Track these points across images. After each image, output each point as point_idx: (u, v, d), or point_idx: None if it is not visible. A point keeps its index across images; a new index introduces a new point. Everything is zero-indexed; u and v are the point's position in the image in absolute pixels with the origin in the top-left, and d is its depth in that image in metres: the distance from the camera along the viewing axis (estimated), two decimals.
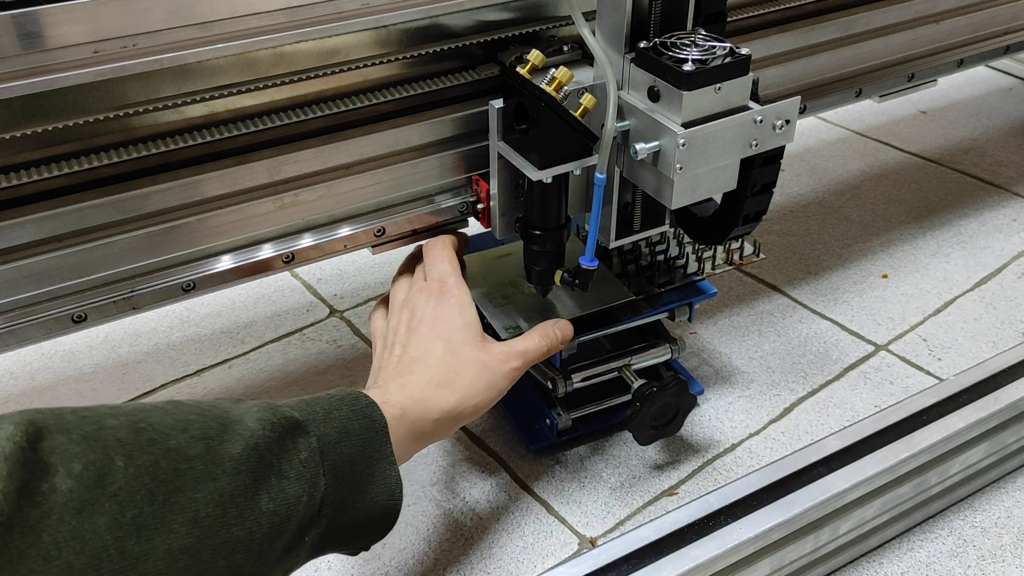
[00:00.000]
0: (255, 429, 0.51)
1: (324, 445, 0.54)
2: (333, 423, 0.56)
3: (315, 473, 0.53)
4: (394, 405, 0.61)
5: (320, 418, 0.55)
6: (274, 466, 0.51)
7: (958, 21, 0.99)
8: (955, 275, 1.07)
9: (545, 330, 0.71)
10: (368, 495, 0.57)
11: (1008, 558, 0.74)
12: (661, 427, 0.78)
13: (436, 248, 0.72)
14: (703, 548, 0.63)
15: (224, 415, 0.51)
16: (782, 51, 0.87)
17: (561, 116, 0.62)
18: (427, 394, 0.63)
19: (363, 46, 0.67)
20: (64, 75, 0.55)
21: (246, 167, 0.65)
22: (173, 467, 0.46)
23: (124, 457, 0.44)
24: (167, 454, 0.46)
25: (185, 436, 0.48)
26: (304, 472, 0.52)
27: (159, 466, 0.46)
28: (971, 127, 1.40)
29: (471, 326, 0.68)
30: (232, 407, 0.52)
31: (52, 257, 0.61)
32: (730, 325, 0.99)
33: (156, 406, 0.49)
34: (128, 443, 0.45)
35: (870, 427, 0.72)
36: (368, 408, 0.58)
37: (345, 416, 0.57)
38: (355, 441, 0.56)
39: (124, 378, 0.94)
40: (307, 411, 0.55)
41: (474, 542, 0.75)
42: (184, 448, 0.47)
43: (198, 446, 0.48)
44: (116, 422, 0.46)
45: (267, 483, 0.50)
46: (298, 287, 1.08)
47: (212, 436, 0.49)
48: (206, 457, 0.48)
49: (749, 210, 0.70)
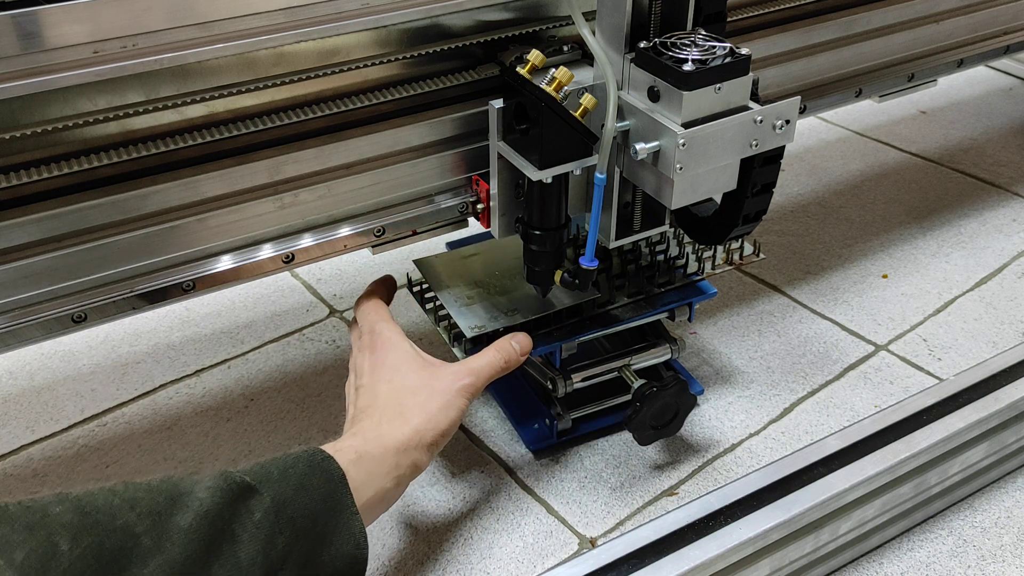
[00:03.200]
0: (204, 498, 0.51)
1: (280, 504, 0.55)
2: (289, 481, 0.56)
3: (271, 532, 0.54)
4: (348, 451, 0.61)
5: (275, 478, 0.56)
6: (226, 532, 0.52)
7: (958, 21, 0.99)
8: (955, 275, 1.07)
9: (501, 345, 0.72)
10: (334, 547, 0.57)
11: (1008, 558, 0.74)
12: (661, 427, 0.78)
13: (361, 304, 0.76)
14: (703, 548, 0.63)
15: (173, 489, 0.52)
16: (782, 51, 0.87)
17: (561, 116, 0.62)
18: (380, 431, 0.64)
19: (363, 46, 0.67)
20: (64, 75, 0.55)
21: (246, 167, 0.65)
22: (119, 545, 0.47)
23: (69, 540, 0.45)
24: (112, 533, 0.47)
25: (132, 513, 0.49)
26: (258, 533, 0.53)
27: (104, 546, 0.47)
28: (971, 127, 1.40)
29: (409, 359, 0.69)
30: (182, 480, 0.53)
31: (52, 257, 0.61)
32: (730, 325, 0.99)
33: (106, 488, 0.50)
34: (73, 526, 0.46)
35: (870, 427, 0.72)
36: (325, 462, 0.59)
37: (302, 473, 0.57)
38: (314, 496, 0.57)
39: (124, 378, 0.94)
40: (261, 473, 0.56)
41: (474, 542, 0.75)
42: (131, 525, 0.48)
43: (145, 522, 0.49)
44: (61, 508, 0.47)
45: (218, 549, 0.51)
46: (298, 287, 1.08)
47: (160, 511, 0.50)
48: (154, 532, 0.49)
49: (749, 210, 0.70)
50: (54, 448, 0.86)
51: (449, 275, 0.81)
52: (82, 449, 0.85)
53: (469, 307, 0.77)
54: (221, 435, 0.87)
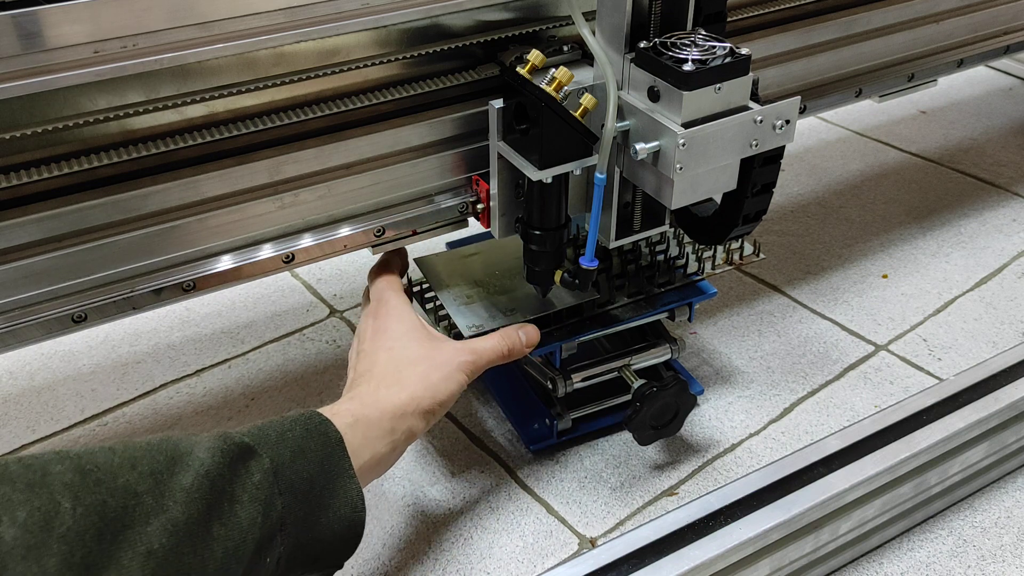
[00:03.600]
0: (204, 459, 0.51)
1: (278, 466, 0.55)
2: (287, 444, 0.56)
3: (270, 494, 0.54)
4: (344, 414, 0.62)
5: (273, 440, 0.56)
6: (227, 492, 0.52)
7: (958, 21, 0.99)
8: (955, 275, 1.07)
9: (507, 332, 0.72)
10: (331, 510, 0.58)
11: (1008, 558, 0.74)
12: (661, 427, 0.78)
13: (373, 272, 0.76)
14: (703, 548, 0.63)
15: (173, 448, 0.51)
16: (782, 51, 0.87)
17: (561, 116, 0.62)
18: (376, 396, 0.65)
19: (363, 46, 0.67)
20: (64, 75, 0.55)
21: (246, 167, 0.65)
22: (122, 504, 0.47)
23: (71, 499, 0.45)
24: (115, 492, 0.47)
25: (134, 473, 0.49)
26: (258, 494, 0.53)
27: (107, 504, 0.46)
28: (971, 127, 1.40)
29: (412, 330, 0.69)
30: (182, 440, 0.53)
31: (52, 257, 0.61)
32: (730, 325, 0.99)
33: (104, 447, 0.50)
34: (74, 485, 0.46)
35: (870, 427, 0.72)
36: (322, 425, 0.59)
37: (299, 436, 0.58)
38: (311, 459, 0.57)
39: (124, 378, 0.94)
40: (259, 435, 0.56)
41: (474, 542, 0.75)
42: (133, 484, 0.48)
43: (147, 481, 0.49)
44: (61, 467, 0.46)
45: (220, 509, 0.51)
46: (298, 287, 1.08)
47: (161, 470, 0.50)
48: (155, 491, 0.49)
49: (749, 210, 0.70)
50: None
51: (449, 274, 0.81)
52: None
53: (468, 306, 0.77)
54: None
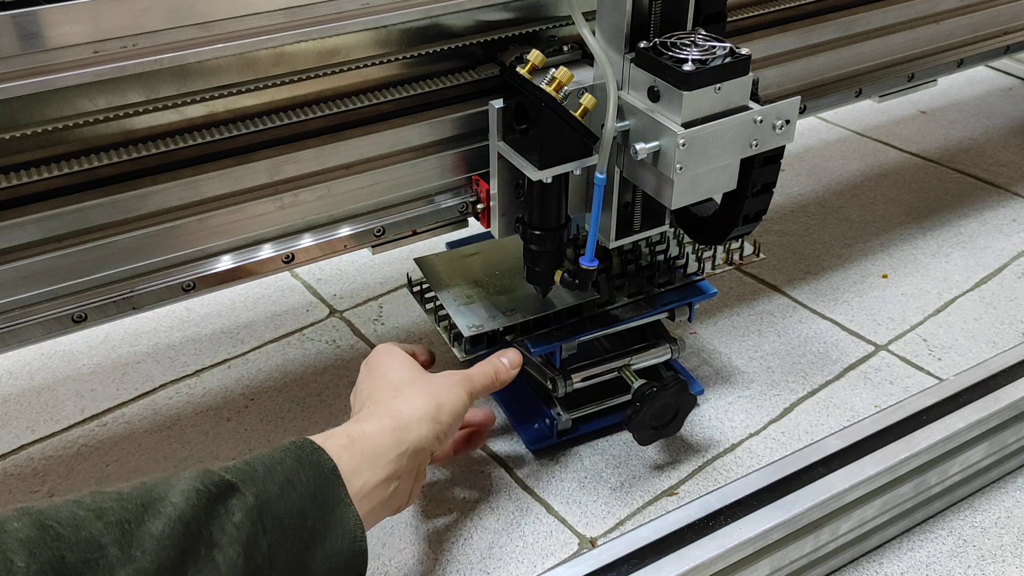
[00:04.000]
0: (178, 503, 0.49)
1: (263, 502, 0.53)
2: (275, 477, 0.54)
3: (252, 533, 0.51)
4: (339, 436, 0.60)
5: (260, 475, 0.54)
6: (203, 535, 0.50)
7: (958, 21, 0.99)
8: (955, 275, 1.07)
9: (489, 359, 0.72)
10: (327, 543, 0.55)
11: (1008, 558, 0.74)
12: (661, 427, 0.78)
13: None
14: (703, 548, 0.63)
15: (146, 495, 0.49)
16: (782, 51, 0.87)
17: (561, 116, 0.62)
18: (376, 411, 0.63)
19: (363, 46, 0.67)
20: (64, 75, 0.55)
21: (246, 167, 0.65)
22: (83, 558, 0.45)
23: (25, 556, 0.43)
24: (75, 547, 0.45)
25: (99, 524, 0.47)
26: (238, 535, 0.51)
27: (65, 559, 0.45)
28: (971, 127, 1.40)
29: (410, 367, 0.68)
30: (158, 484, 0.51)
31: (52, 257, 0.61)
32: (730, 325, 0.99)
33: (71, 500, 0.48)
34: (31, 541, 0.44)
35: (870, 427, 0.72)
36: (314, 454, 0.57)
37: (289, 468, 0.55)
38: (302, 491, 0.55)
39: (124, 378, 0.94)
40: (245, 470, 0.54)
41: (474, 542, 0.75)
42: (96, 537, 0.46)
43: (113, 532, 0.47)
44: (19, 523, 0.45)
45: (195, 554, 0.49)
46: (298, 287, 1.08)
47: (129, 519, 0.48)
48: (122, 541, 0.47)
49: (749, 210, 0.70)
50: (54, 448, 0.86)
51: (449, 274, 0.81)
52: (83, 448, 0.85)
53: (469, 306, 0.77)
54: (221, 435, 0.87)
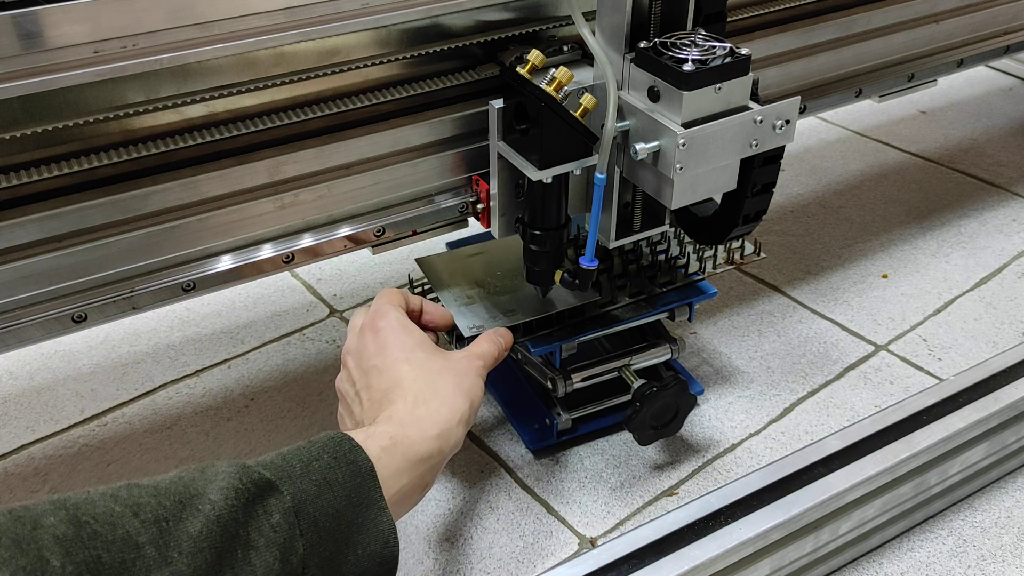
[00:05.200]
0: (217, 501, 0.47)
1: (300, 503, 0.51)
2: (312, 476, 0.52)
3: (289, 536, 0.50)
4: (381, 436, 0.58)
5: (297, 473, 0.52)
6: (240, 537, 0.48)
7: (958, 21, 0.99)
8: (955, 275, 1.07)
9: (487, 334, 0.71)
10: (360, 547, 0.54)
11: (1008, 558, 0.74)
12: (661, 427, 0.78)
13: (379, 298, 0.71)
14: (703, 548, 0.63)
15: (184, 491, 0.47)
16: (782, 51, 0.87)
17: (561, 116, 0.62)
18: (417, 414, 0.61)
19: (363, 46, 0.67)
20: (64, 75, 0.55)
21: (246, 167, 0.65)
22: (119, 559, 0.43)
23: (61, 555, 0.42)
24: (112, 546, 0.43)
25: (135, 522, 0.45)
26: (275, 538, 0.49)
27: (102, 560, 0.43)
28: (971, 127, 1.40)
29: (424, 341, 0.66)
30: (195, 479, 0.49)
31: (52, 257, 0.61)
32: (730, 325, 0.99)
33: (107, 494, 0.46)
34: (67, 539, 0.42)
35: (870, 427, 0.72)
36: (352, 453, 0.55)
37: (326, 466, 0.53)
38: (338, 492, 0.53)
39: (123, 378, 0.94)
40: (282, 467, 0.52)
41: (474, 542, 0.75)
42: (133, 536, 0.44)
43: (150, 531, 0.45)
44: (55, 519, 0.43)
45: (232, 557, 0.47)
46: (298, 287, 1.08)
47: (167, 517, 0.46)
48: (159, 541, 0.45)
49: (749, 210, 0.70)
50: (55, 447, 0.86)
51: (450, 274, 0.81)
52: (83, 448, 0.85)
53: (469, 307, 0.77)
54: (222, 434, 0.87)
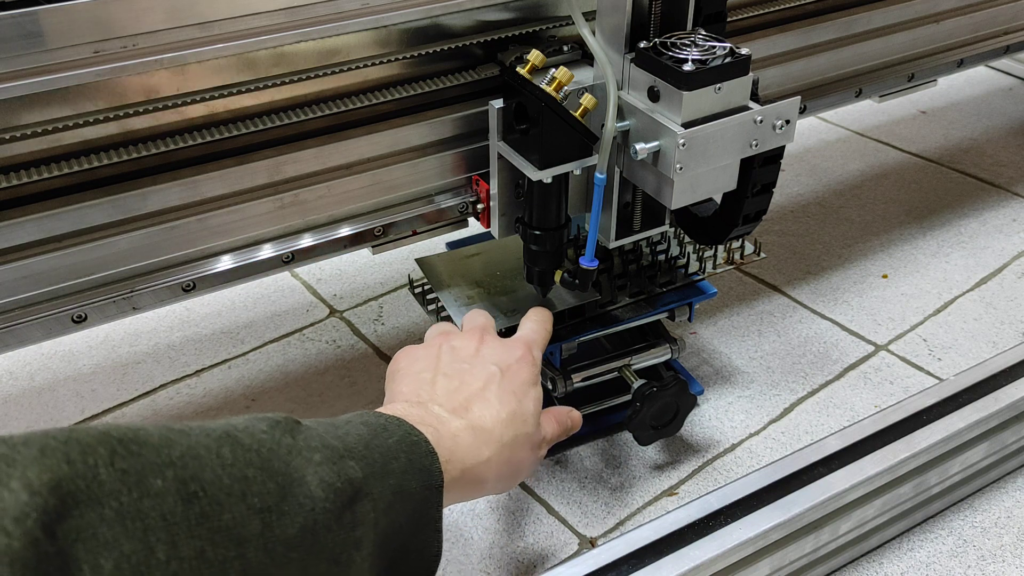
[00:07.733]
0: (318, 498, 0.43)
1: (379, 513, 0.46)
2: (390, 479, 0.48)
3: (365, 556, 0.45)
4: (465, 458, 0.55)
5: (378, 471, 0.47)
6: (325, 551, 0.43)
7: (958, 21, 0.99)
8: (955, 275, 1.07)
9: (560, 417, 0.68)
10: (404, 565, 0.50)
11: (1008, 558, 0.74)
12: (661, 427, 0.78)
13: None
14: (703, 548, 0.63)
15: (284, 468, 0.42)
16: (782, 51, 0.87)
17: (561, 116, 0.62)
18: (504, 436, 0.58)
19: (363, 46, 0.67)
20: (64, 75, 0.56)
21: (246, 167, 0.65)
22: (221, 557, 0.37)
23: (167, 546, 0.35)
24: (216, 537, 0.37)
25: (242, 505, 0.39)
26: (354, 556, 0.44)
27: (205, 557, 0.37)
28: (971, 127, 1.40)
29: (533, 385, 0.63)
30: (293, 455, 0.43)
31: (52, 257, 0.61)
32: (730, 325, 0.99)
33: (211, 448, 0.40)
34: (174, 519, 0.36)
35: (870, 427, 0.72)
36: (426, 459, 0.51)
37: (402, 469, 0.49)
38: (407, 505, 0.49)
39: (123, 378, 0.94)
40: (368, 462, 0.47)
41: (474, 542, 0.75)
42: (238, 526, 0.38)
43: (254, 523, 0.39)
44: (162, 482, 0.36)
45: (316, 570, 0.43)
46: (298, 287, 1.08)
47: (271, 507, 0.40)
48: (259, 541, 0.39)
49: (749, 210, 0.70)
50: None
51: (450, 274, 0.81)
52: None
53: (469, 307, 0.77)
54: None
